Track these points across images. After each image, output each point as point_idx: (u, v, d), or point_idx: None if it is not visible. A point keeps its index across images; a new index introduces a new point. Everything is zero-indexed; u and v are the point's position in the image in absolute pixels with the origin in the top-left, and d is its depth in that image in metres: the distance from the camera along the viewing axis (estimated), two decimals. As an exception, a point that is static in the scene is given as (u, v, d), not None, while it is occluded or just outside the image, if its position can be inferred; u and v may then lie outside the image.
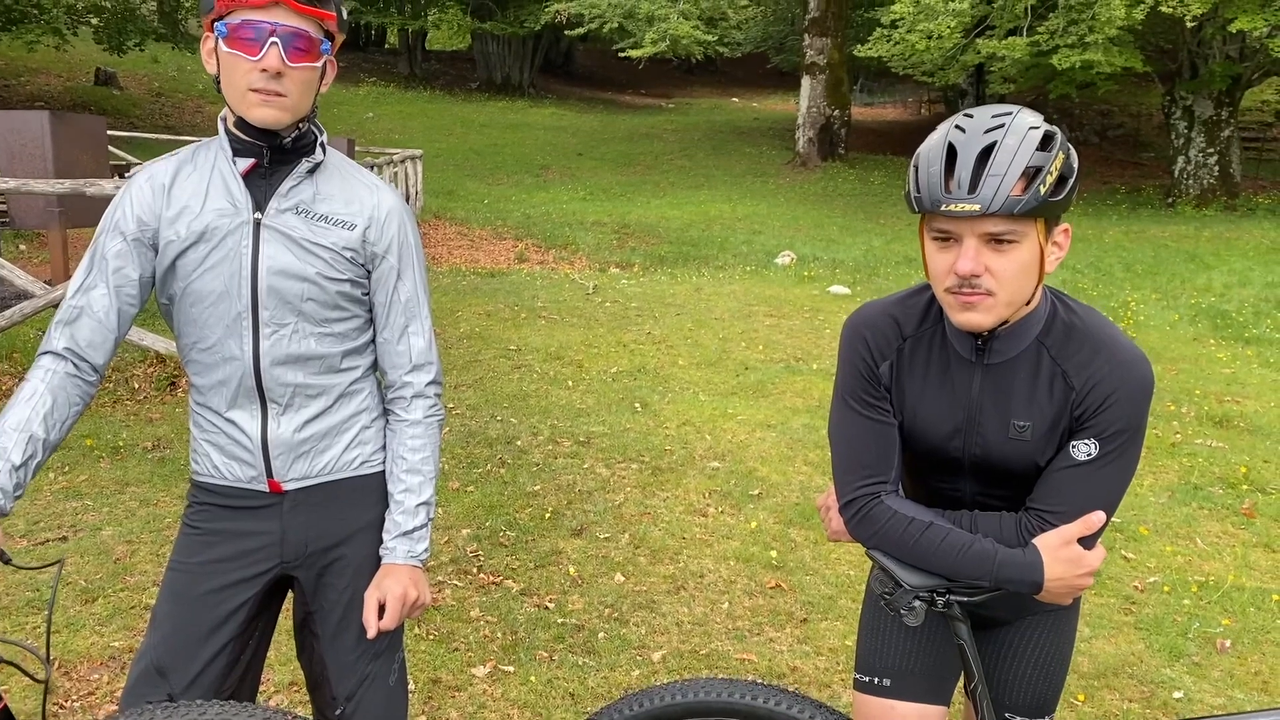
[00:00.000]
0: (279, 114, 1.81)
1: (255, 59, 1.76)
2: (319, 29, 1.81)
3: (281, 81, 1.78)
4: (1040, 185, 1.53)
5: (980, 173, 1.54)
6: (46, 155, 8.31)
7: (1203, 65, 21.47)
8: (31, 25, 20.90)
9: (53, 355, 1.85)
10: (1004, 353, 1.70)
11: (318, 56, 1.82)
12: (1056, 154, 1.56)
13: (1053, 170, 1.54)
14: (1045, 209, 1.55)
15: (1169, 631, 3.93)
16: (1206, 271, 13.62)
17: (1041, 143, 1.56)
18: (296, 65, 1.78)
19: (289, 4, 1.75)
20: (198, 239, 1.85)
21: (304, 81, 1.82)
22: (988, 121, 1.60)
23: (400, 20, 38.44)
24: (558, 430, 6.17)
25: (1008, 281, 1.58)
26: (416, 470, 2.01)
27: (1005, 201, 1.52)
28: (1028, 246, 1.57)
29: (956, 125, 1.62)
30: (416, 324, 2.02)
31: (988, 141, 1.56)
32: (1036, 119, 1.61)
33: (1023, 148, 1.55)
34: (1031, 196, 1.53)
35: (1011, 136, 1.56)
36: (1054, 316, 1.70)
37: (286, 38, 1.76)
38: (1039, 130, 1.58)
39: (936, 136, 1.64)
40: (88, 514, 4.64)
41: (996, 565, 1.66)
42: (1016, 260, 1.57)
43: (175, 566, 1.98)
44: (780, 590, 4.18)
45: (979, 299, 1.59)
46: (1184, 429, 6.67)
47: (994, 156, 1.55)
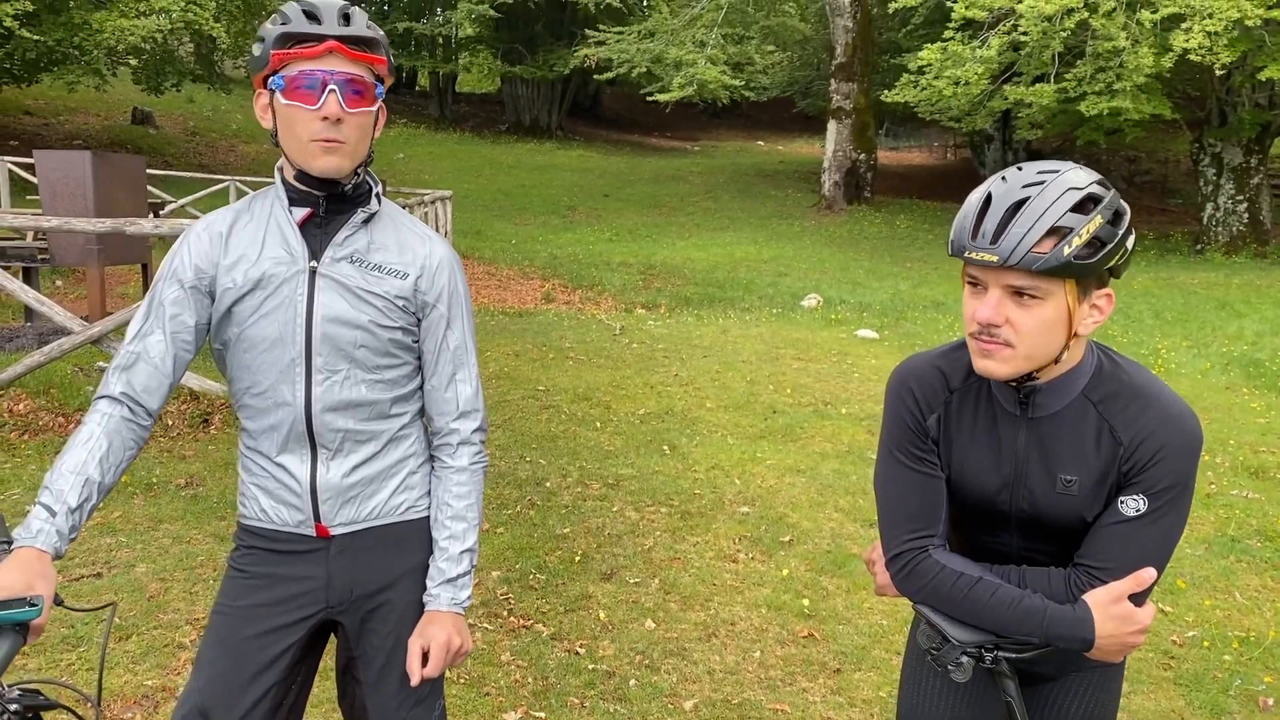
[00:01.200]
0: (341, 161, 1.85)
1: (314, 108, 1.80)
2: (371, 73, 1.86)
3: (341, 128, 1.82)
4: (1065, 245, 1.52)
5: (1007, 225, 1.55)
6: (87, 194, 8.47)
7: (1232, 113, 21.45)
8: (73, 66, 21.37)
9: (109, 399, 1.88)
10: (1048, 406, 1.69)
11: (373, 100, 1.86)
12: (1093, 218, 1.54)
13: (1083, 233, 1.53)
14: (1068, 270, 1.53)
15: (1210, 688, 3.87)
16: (1238, 319, 13.51)
17: (1078, 204, 1.55)
18: (354, 110, 1.82)
19: (342, 50, 1.80)
20: (254, 286, 1.88)
21: (362, 126, 1.86)
22: (1030, 176, 1.61)
23: (431, 63, 39.12)
24: (586, 472, 6.17)
25: (1026, 336, 1.58)
26: (461, 517, 2.02)
27: (1024, 257, 1.53)
28: (1052, 305, 1.57)
29: (1003, 176, 1.64)
30: (464, 371, 2.04)
31: (1022, 195, 1.57)
32: (1085, 180, 1.59)
33: (1055, 206, 1.54)
34: (1052, 256, 1.52)
35: (1048, 193, 1.56)
36: (1100, 371, 1.70)
37: (342, 84, 1.80)
38: (1080, 192, 1.57)
39: (983, 184, 1.66)
40: (121, 550, 4.67)
41: (1046, 621, 1.64)
42: (1037, 317, 1.57)
43: (221, 609, 1.99)
44: (813, 639, 4.14)
45: (996, 348, 1.60)
46: (1219, 479, 6.59)
47: (1023, 210, 1.55)
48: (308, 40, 1.79)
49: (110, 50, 20.57)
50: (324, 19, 1.80)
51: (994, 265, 1.55)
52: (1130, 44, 18.03)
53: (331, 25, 1.80)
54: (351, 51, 1.81)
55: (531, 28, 38.29)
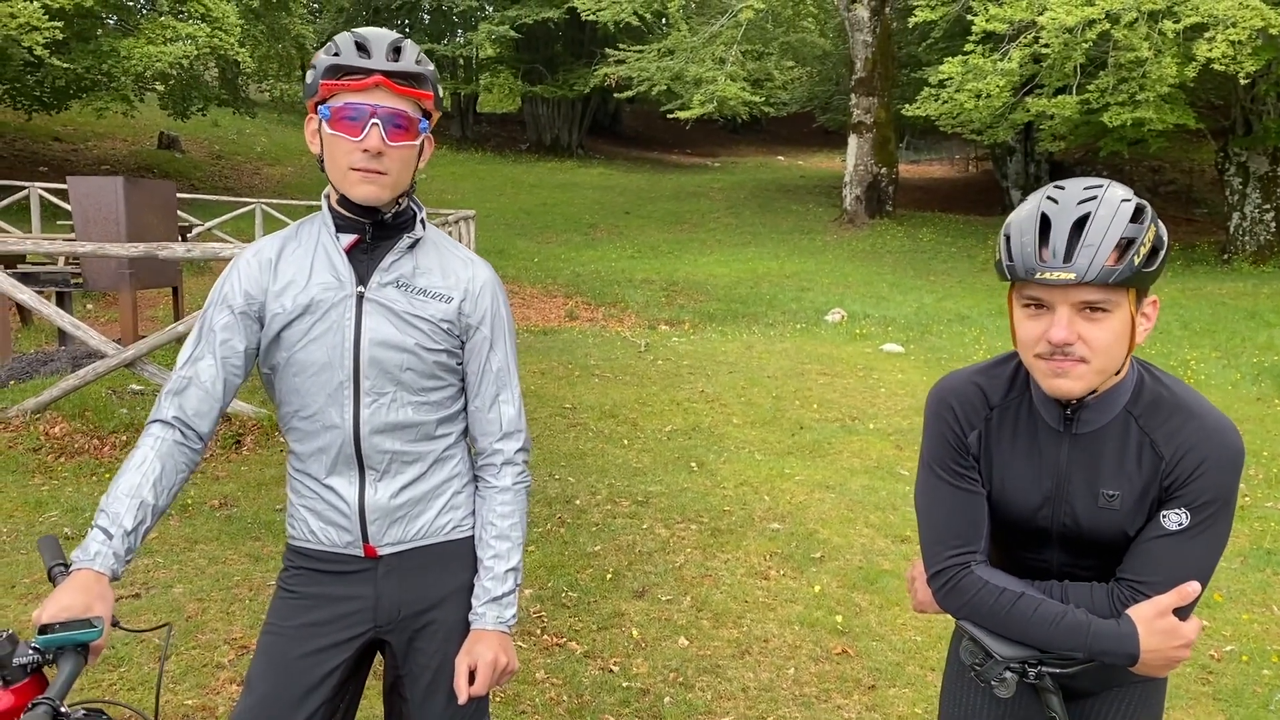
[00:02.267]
0: (379, 191, 1.89)
1: (357, 139, 1.84)
2: (417, 108, 1.89)
3: (382, 160, 1.86)
4: (1135, 256, 1.56)
5: (1076, 242, 1.57)
6: (120, 219, 8.60)
7: (1257, 121, 21.29)
8: (101, 92, 21.70)
9: (162, 424, 1.91)
10: (1092, 422, 1.70)
11: (416, 135, 1.90)
12: (1149, 226, 1.59)
13: (1145, 241, 1.57)
14: (1138, 279, 1.57)
15: (1249, 703, 3.83)
16: (1268, 329, 13.39)
17: (1134, 215, 1.59)
18: (396, 144, 1.86)
19: (388, 85, 1.83)
20: (303, 311, 1.92)
21: (403, 159, 1.89)
22: (1080, 193, 1.63)
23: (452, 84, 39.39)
24: (615, 490, 6.19)
25: (1101, 350, 1.59)
26: (505, 536, 2.05)
27: (1101, 271, 1.55)
28: (1120, 316, 1.59)
29: (1049, 196, 1.65)
30: (507, 393, 2.07)
31: (1082, 212, 1.59)
32: (1127, 192, 1.64)
33: (1117, 218, 1.58)
34: (1126, 267, 1.55)
35: (1105, 207, 1.59)
36: (1141, 386, 1.71)
37: (386, 118, 1.84)
38: (1131, 203, 1.61)
39: (1028, 207, 1.67)
40: (158, 571, 4.73)
41: (1091, 637, 1.65)
42: (1109, 329, 1.59)
43: (270, 630, 2.02)
44: (847, 656, 4.13)
45: (1070, 365, 1.61)
46: (1252, 492, 6.53)
47: (1089, 226, 1.57)
48: (355, 73, 1.83)
49: (138, 76, 20.88)
50: (374, 52, 1.83)
51: (1070, 283, 1.56)
52: (1153, 54, 17.95)
53: (380, 59, 1.83)
54: (398, 87, 1.84)
55: (551, 47, 38.57)
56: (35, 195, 17.50)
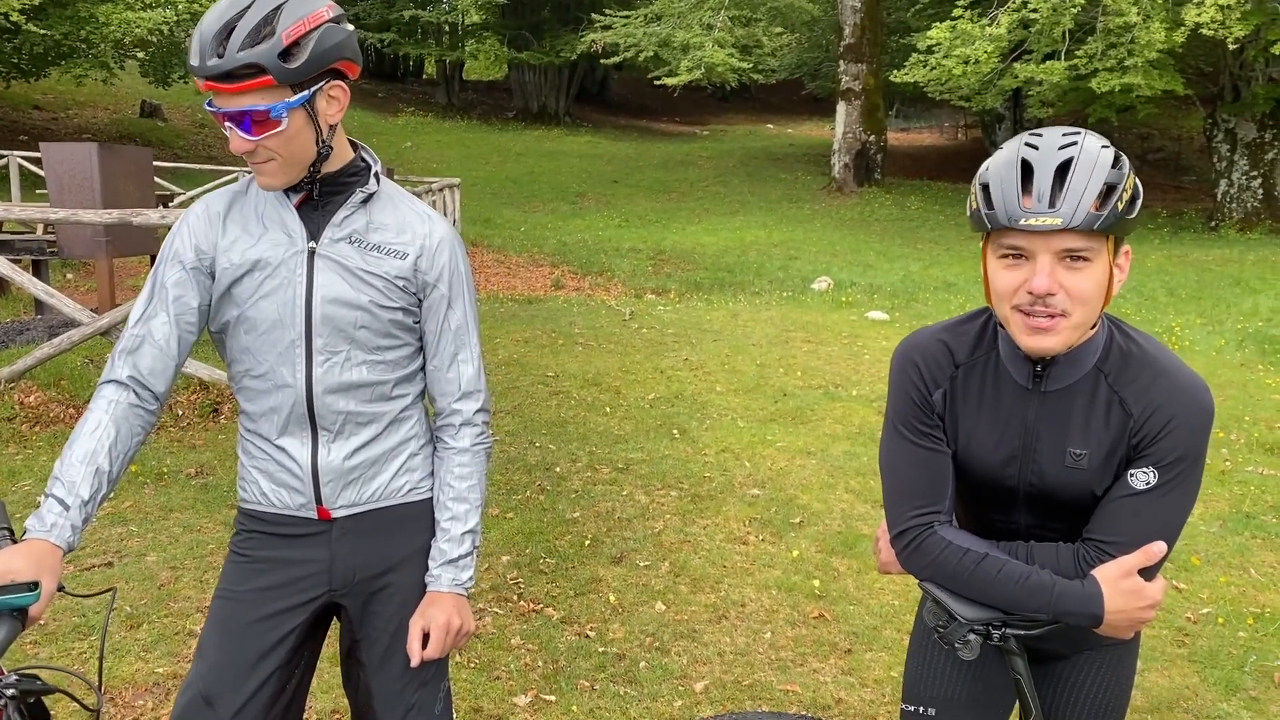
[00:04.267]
0: (269, 179, 1.83)
1: (232, 144, 1.78)
2: (269, 94, 1.73)
3: (257, 153, 1.78)
4: (1118, 202, 1.53)
5: (1060, 187, 1.53)
6: (95, 186, 8.47)
7: (1245, 88, 21.23)
8: (80, 60, 21.41)
9: (115, 384, 1.86)
10: (1061, 380, 1.66)
11: (275, 123, 1.76)
12: (1129, 174, 1.56)
13: (1128, 186, 1.55)
14: (1120, 226, 1.54)
15: (1225, 665, 3.84)
16: (1252, 295, 13.40)
17: (1114, 161, 1.56)
18: (260, 137, 1.76)
19: (220, 89, 1.72)
20: (252, 267, 1.87)
21: (279, 145, 1.78)
22: (1060, 139, 1.60)
23: (438, 51, 39.04)
24: (596, 457, 6.16)
25: (1080, 301, 1.55)
26: (463, 498, 2.01)
27: (1086, 216, 1.51)
28: (1100, 265, 1.55)
29: (1027, 143, 1.62)
30: (466, 352, 2.02)
31: (1065, 157, 1.55)
32: (1104, 141, 1.61)
33: (1099, 164, 1.54)
34: (1110, 212, 1.52)
35: (1086, 154, 1.56)
36: (1111, 343, 1.67)
37: (236, 119, 1.74)
38: (1110, 150, 1.58)
39: (1005, 155, 1.62)
40: (132, 540, 4.69)
41: (1055, 597, 1.62)
42: (1091, 278, 1.55)
43: (223, 594, 1.98)
44: (824, 620, 4.12)
45: (1050, 322, 1.56)
46: (1234, 456, 6.54)
47: (1073, 171, 1.54)
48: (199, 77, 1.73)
49: (117, 43, 20.59)
50: (199, 53, 1.70)
51: (1056, 229, 1.52)
52: (1141, 19, 17.85)
53: (203, 62, 1.70)
54: (229, 87, 1.71)
55: (538, 13, 38.17)
56: (14, 164, 17.30)
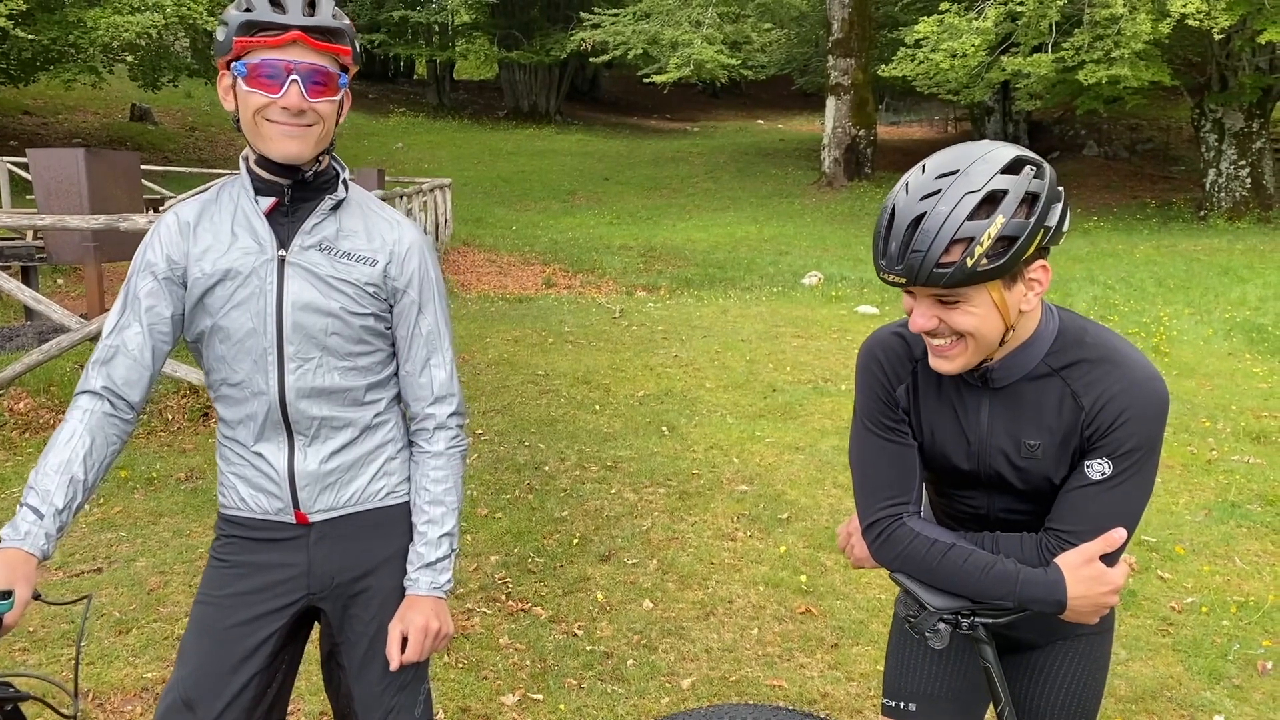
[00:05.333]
0: (301, 147, 1.83)
1: (276, 96, 1.78)
2: (335, 63, 1.83)
3: (303, 117, 1.81)
4: (968, 257, 1.49)
5: (908, 244, 1.53)
6: (82, 192, 8.46)
7: (1232, 77, 21.29)
8: (69, 64, 21.36)
9: (90, 395, 1.87)
10: (1008, 377, 1.69)
11: (336, 90, 1.84)
12: (994, 221, 1.50)
13: (984, 240, 1.49)
14: (976, 278, 1.51)
15: (1208, 653, 3.86)
16: (1241, 285, 13.45)
17: (976, 209, 1.51)
18: (317, 100, 1.81)
19: (306, 41, 1.77)
20: (224, 276, 1.88)
21: (324, 115, 1.84)
22: (929, 184, 1.56)
23: (428, 51, 38.98)
24: (585, 455, 6.17)
25: (970, 332, 1.58)
26: (439, 501, 2.02)
27: (930, 275, 1.51)
28: (979, 301, 1.55)
29: (906, 183, 1.60)
30: (438, 356, 2.04)
31: (919, 210, 1.53)
32: (985, 175, 1.53)
33: (951, 218, 1.50)
34: (957, 269, 1.50)
35: (944, 204, 1.52)
36: (1062, 336, 1.68)
37: (305, 74, 1.78)
38: (978, 194, 1.51)
39: (892, 193, 1.62)
40: (122, 545, 4.70)
41: (1019, 585, 1.65)
42: (969, 315, 1.56)
43: (203, 599, 2.00)
44: (811, 615, 4.15)
45: (947, 348, 1.61)
46: (1220, 445, 6.57)
47: (921, 227, 1.52)
48: (271, 29, 1.77)
49: (105, 47, 20.54)
50: (289, 6, 1.77)
51: (904, 286, 1.56)
52: (1127, 10, 17.89)
53: (296, 14, 1.77)
54: (316, 42, 1.78)
55: (527, 13, 38.15)
56: (3, 170, 17.23)
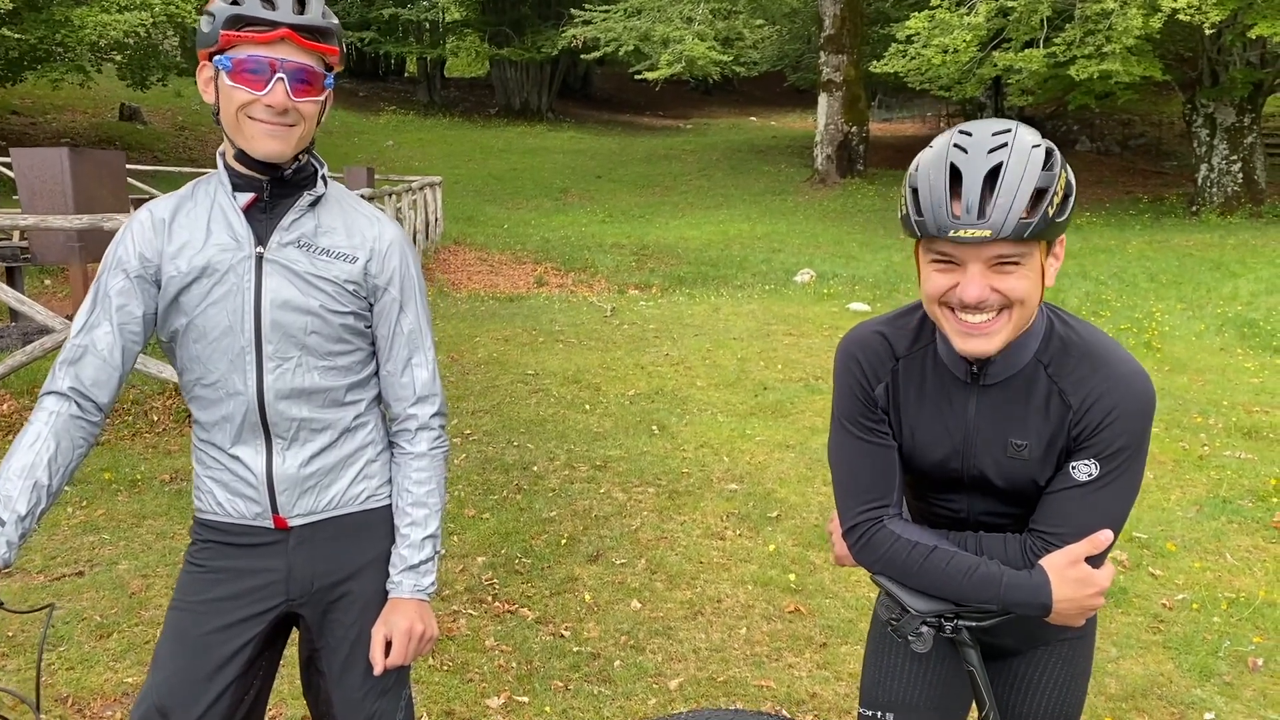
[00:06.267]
0: (283, 147, 1.80)
1: (260, 94, 1.75)
2: (322, 63, 1.81)
3: (287, 115, 1.77)
4: (1049, 207, 1.49)
5: (990, 195, 1.49)
6: (66, 191, 8.39)
7: (1223, 72, 21.30)
8: (56, 63, 21.22)
9: (57, 395, 1.83)
10: (999, 374, 1.65)
11: (321, 90, 1.81)
12: (1060, 172, 1.52)
13: (1059, 189, 1.51)
14: (1052, 230, 1.51)
15: (1199, 650, 3.85)
16: (1233, 280, 13.46)
17: (1045, 162, 1.52)
18: (301, 100, 1.78)
19: (295, 39, 1.74)
20: (200, 274, 1.84)
21: (308, 115, 1.81)
22: (989, 140, 1.54)
23: (419, 49, 38.86)
24: (574, 455, 6.14)
25: (1020, 300, 1.53)
26: (422, 503, 1.99)
27: (1016, 226, 1.47)
28: (1032, 265, 1.53)
29: (956, 144, 1.56)
30: (420, 356, 2.00)
31: (994, 162, 1.51)
32: (1036, 136, 1.56)
33: (1029, 168, 1.50)
34: (1040, 219, 1.48)
35: (1017, 156, 1.51)
36: (1050, 334, 1.66)
37: (292, 73, 1.75)
38: (1041, 149, 1.53)
39: (934, 154, 1.57)
40: (104, 548, 4.65)
41: (1004, 588, 1.62)
42: (1024, 279, 1.53)
43: (178, 605, 1.96)
44: (799, 614, 4.12)
45: (984, 326, 1.54)
46: (1211, 441, 6.56)
47: (1003, 178, 1.49)
48: (259, 24, 1.73)
49: (93, 46, 20.41)
50: (279, 3, 1.74)
51: (987, 240, 1.48)
52: (1119, 5, 17.88)
53: (286, 11, 1.73)
54: (305, 41, 1.75)
55: (518, 9, 38.04)
56: (-10, 170, 17.13)
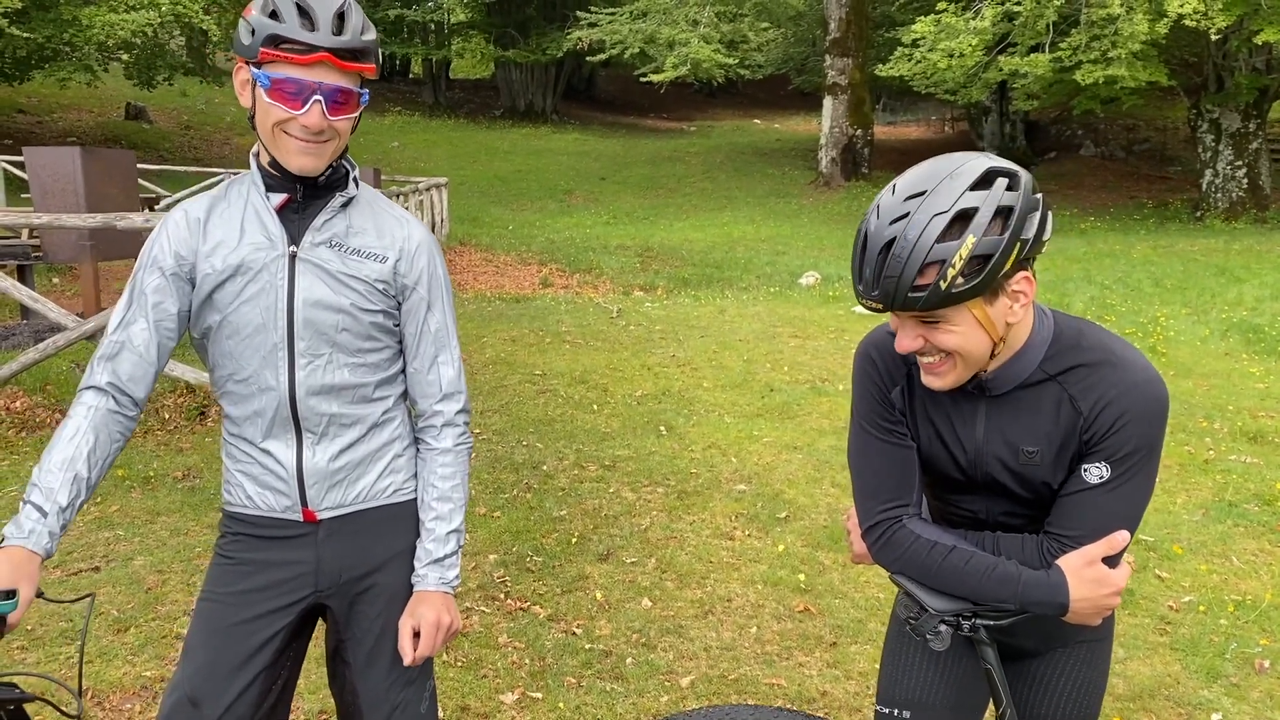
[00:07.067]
0: (318, 163, 1.84)
1: (298, 113, 1.77)
2: (358, 80, 1.84)
3: (322, 134, 1.81)
4: (941, 280, 1.48)
5: (880, 270, 1.52)
6: (78, 190, 8.44)
7: (1229, 78, 21.32)
8: (63, 63, 21.29)
9: (95, 390, 1.87)
10: (1004, 384, 1.67)
11: (356, 107, 1.85)
12: (964, 241, 1.48)
13: (955, 262, 1.47)
14: (951, 299, 1.50)
15: (1206, 652, 3.88)
16: (1237, 285, 13.47)
17: (946, 230, 1.49)
18: (337, 119, 1.81)
19: (333, 62, 1.76)
20: (234, 272, 1.88)
21: (343, 131, 1.85)
22: (897, 208, 1.53)
23: (424, 50, 38.91)
24: (583, 455, 6.18)
25: (956, 350, 1.57)
26: (447, 498, 2.03)
27: (905, 300, 1.50)
28: (960, 320, 1.54)
29: (877, 205, 1.57)
30: (446, 354, 2.05)
31: (889, 235, 1.52)
32: (953, 194, 1.50)
33: (920, 242, 1.48)
34: (931, 292, 1.49)
35: (913, 228, 1.49)
36: (1058, 340, 1.67)
37: (329, 94, 1.78)
38: (946, 215, 1.49)
39: (866, 215, 1.60)
40: (119, 544, 4.69)
41: (1021, 587, 1.64)
42: (951, 334, 1.56)
43: (208, 596, 2.00)
44: (809, 614, 4.15)
45: (935, 365, 1.61)
46: (1217, 445, 6.59)
47: (891, 252, 1.51)
48: (298, 46, 1.75)
49: (100, 45, 20.47)
50: (318, 24, 1.75)
51: (880, 311, 1.55)
52: (1124, 10, 17.91)
53: (325, 33, 1.75)
54: (343, 63, 1.77)
55: (524, 11, 38.11)
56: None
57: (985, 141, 29.68)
